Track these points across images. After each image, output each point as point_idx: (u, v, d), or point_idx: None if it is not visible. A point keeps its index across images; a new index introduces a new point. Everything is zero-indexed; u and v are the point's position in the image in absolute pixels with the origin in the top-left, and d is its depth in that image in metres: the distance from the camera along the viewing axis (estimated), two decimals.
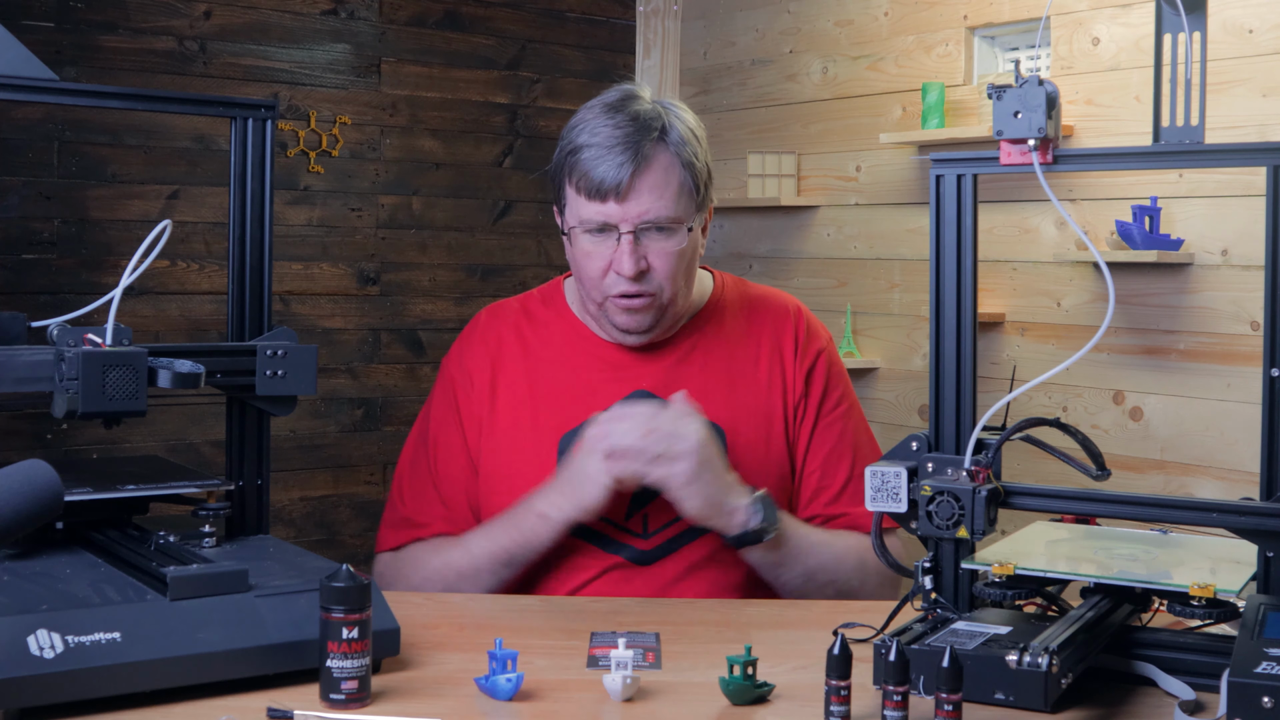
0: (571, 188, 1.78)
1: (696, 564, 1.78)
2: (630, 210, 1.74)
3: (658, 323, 1.82)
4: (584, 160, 1.75)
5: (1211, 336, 3.34)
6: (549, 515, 1.71)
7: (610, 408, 1.72)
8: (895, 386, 4.11)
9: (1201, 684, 1.29)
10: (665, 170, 1.76)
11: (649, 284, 1.77)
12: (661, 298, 1.79)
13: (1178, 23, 1.38)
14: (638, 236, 1.75)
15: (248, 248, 1.55)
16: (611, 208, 1.74)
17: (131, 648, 1.22)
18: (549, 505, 1.71)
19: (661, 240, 1.76)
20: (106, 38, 3.83)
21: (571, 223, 1.80)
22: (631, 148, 1.73)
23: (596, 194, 1.74)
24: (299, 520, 4.18)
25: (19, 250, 3.72)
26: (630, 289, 1.77)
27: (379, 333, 4.33)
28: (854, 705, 1.17)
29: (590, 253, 1.78)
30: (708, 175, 1.82)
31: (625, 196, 1.74)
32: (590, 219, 1.76)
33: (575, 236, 1.79)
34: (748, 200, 4.36)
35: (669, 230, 1.76)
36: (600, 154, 1.74)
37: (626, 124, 1.75)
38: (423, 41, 4.38)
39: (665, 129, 1.77)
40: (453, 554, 1.80)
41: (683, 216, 1.77)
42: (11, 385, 1.36)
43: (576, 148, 1.77)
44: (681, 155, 1.77)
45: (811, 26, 4.35)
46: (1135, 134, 3.43)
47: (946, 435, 1.43)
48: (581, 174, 1.75)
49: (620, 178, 1.73)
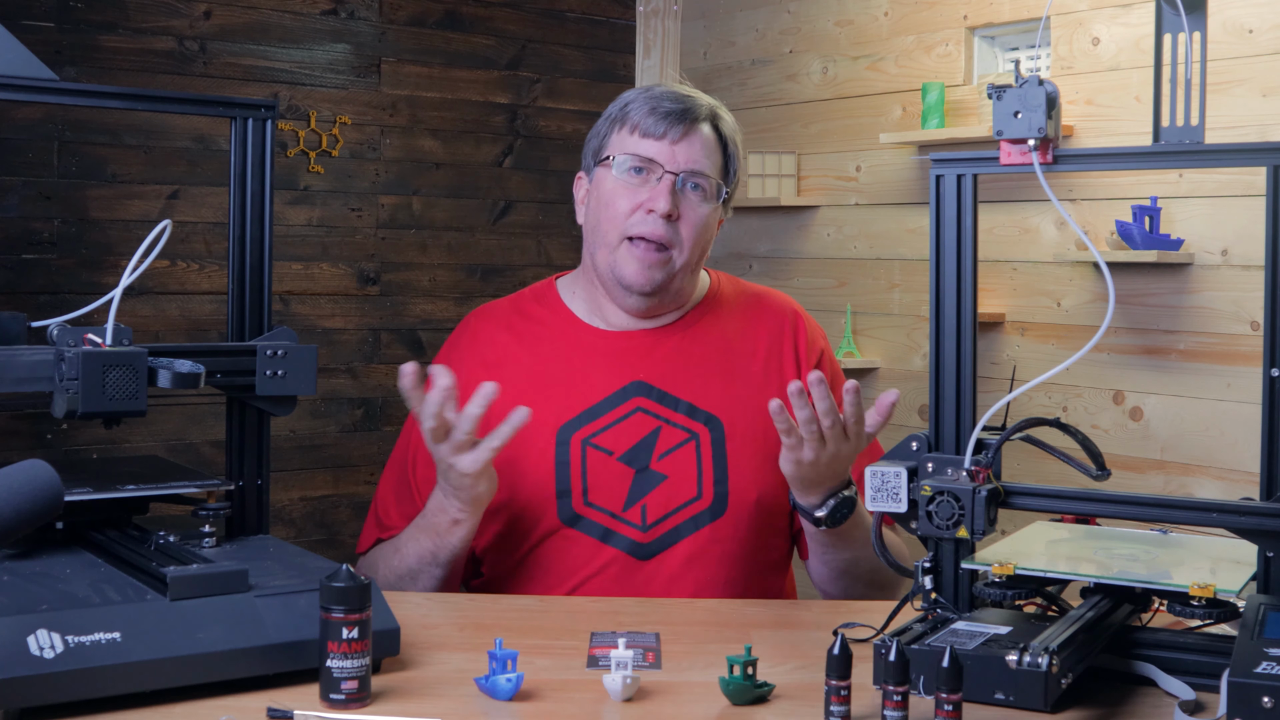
0: (623, 130, 1.85)
1: (695, 557, 1.78)
2: (679, 154, 1.82)
3: (663, 285, 1.84)
4: (640, 105, 1.85)
5: (1211, 336, 3.34)
6: (458, 517, 1.69)
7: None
8: (895, 386, 4.09)
9: (1201, 684, 1.29)
10: (714, 141, 1.87)
11: (673, 234, 1.82)
12: (677, 257, 1.83)
13: (1178, 23, 1.38)
14: (676, 185, 1.82)
15: (248, 248, 1.56)
16: (663, 146, 1.82)
17: (131, 648, 1.22)
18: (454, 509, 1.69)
19: (696, 198, 1.84)
20: (106, 38, 3.83)
21: (612, 158, 1.84)
22: (689, 105, 1.85)
23: (650, 132, 1.82)
24: (299, 520, 4.19)
25: (19, 250, 3.72)
26: (656, 230, 1.81)
27: (379, 333, 4.33)
28: (854, 705, 1.17)
29: (625, 186, 1.83)
30: (738, 177, 1.91)
31: (678, 140, 1.82)
32: (638, 153, 1.83)
33: (611, 174, 1.84)
34: (748, 200, 4.35)
35: (704, 191, 1.84)
36: (659, 102, 1.84)
37: (685, 96, 1.87)
38: (423, 41, 4.38)
39: (717, 113, 1.88)
40: (389, 554, 1.80)
41: (718, 186, 1.85)
42: (11, 385, 1.36)
43: (630, 101, 1.86)
44: (728, 138, 1.88)
45: (811, 26, 4.35)
46: (1135, 134, 3.43)
47: (946, 435, 1.43)
48: (638, 116, 1.84)
49: (676, 122, 1.82)
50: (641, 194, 1.82)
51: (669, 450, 1.81)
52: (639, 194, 1.82)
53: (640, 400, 1.83)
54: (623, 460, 1.80)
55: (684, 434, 1.82)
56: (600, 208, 1.85)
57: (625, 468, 1.80)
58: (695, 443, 1.82)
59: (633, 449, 1.81)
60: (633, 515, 1.79)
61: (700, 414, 1.83)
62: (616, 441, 1.81)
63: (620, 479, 1.80)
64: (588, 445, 1.81)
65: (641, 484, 1.78)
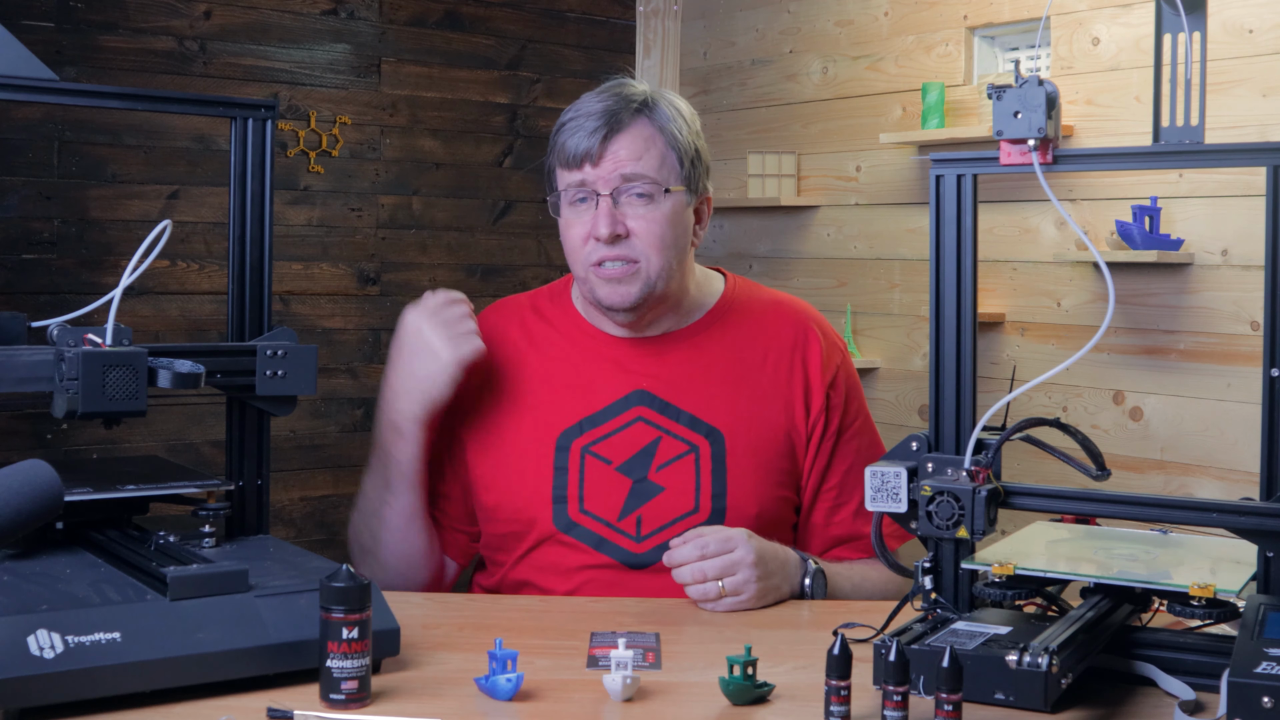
0: (555, 161, 1.82)
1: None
2: (605, 170, 1.77)
3: (643, 299, 1.79)
4: (565, 131, 1.80)
5: (1211, 336, 3.34)
6: (399, 425, 1.78)
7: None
8: (895, 386, 4.11)
9: (1201, 684, 1.29)
10: (645, 139, 1.78)
11: (630, 250, 1.77)
12: (646, 269, 1.78)
13: (1178, 23, 1.38)
14: (616, 201, 1.77)
15: (248, 248, 1.55)
16: (586, 171, 1.78)
17: (131, 648, 1.22)
18: (395, 413, 1.78)
19: (641, 206, 1.78)
20: (106, 38, 3.82)
21: (557, 197, 1.82)
22: (608, 116, 1.78)
23: (573, 160, 1.78)
24: (299, 520, 4.18)
25: (19, 250, 3.72)
26: (608, 253, 1.77)
27: (379, 333, 4.33)
28: (854, 705, 1.17)
29: (571, 222, 1.80)
30: (696, 155, 1.83)
31: (599, 159, 1.77)
32: (568, 186, 1.79)
33: (561, 209, 1.82)
34: (748, 200, 4.35)
35: (648, 196, 1.77)
36: (579, 123, 1.79)
37: (609, 98, 1.80)
38: (423, 41, 4.38)
39: (649, 104, 1.81)
40: (358, 504, 1.86)
41: (661, 181, 1.78)
42: (11, 385, 1.36)
43: (561, 125, 1.82)
44: (664, 129, 1.80)
45: (811, 26, 4.35)
46: (1135, 134, 3.43)
47: (946, 435, 1.43)
48: (561, 144, 1.80)
49: (593, 142, 1.77)
50: (587, 221, 1.78)
51: (668, 462, 1.80)
52: (585, 222, 1.79)
53: (642, 410, 1.82)
54: (621, 470, 1.79)
55: (684, 446, 1.80)
56: (563, 242, 1.84)
57: (623, 478, 1.79)
58: (695, 455, 1.80)
59: (631, 459, 1.80)
60: (627, 525, 1.78)
61: (702, 426, 1.81)
62: (615, 451, 1.80)
63: (617, 488, 1.79)
64: (587, 453, 1.80)
65: (638, 495, 1.77)
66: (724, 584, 1.63)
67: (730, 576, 1.63)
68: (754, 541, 1.66)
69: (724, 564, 1.64)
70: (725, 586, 1.63)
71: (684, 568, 1.65)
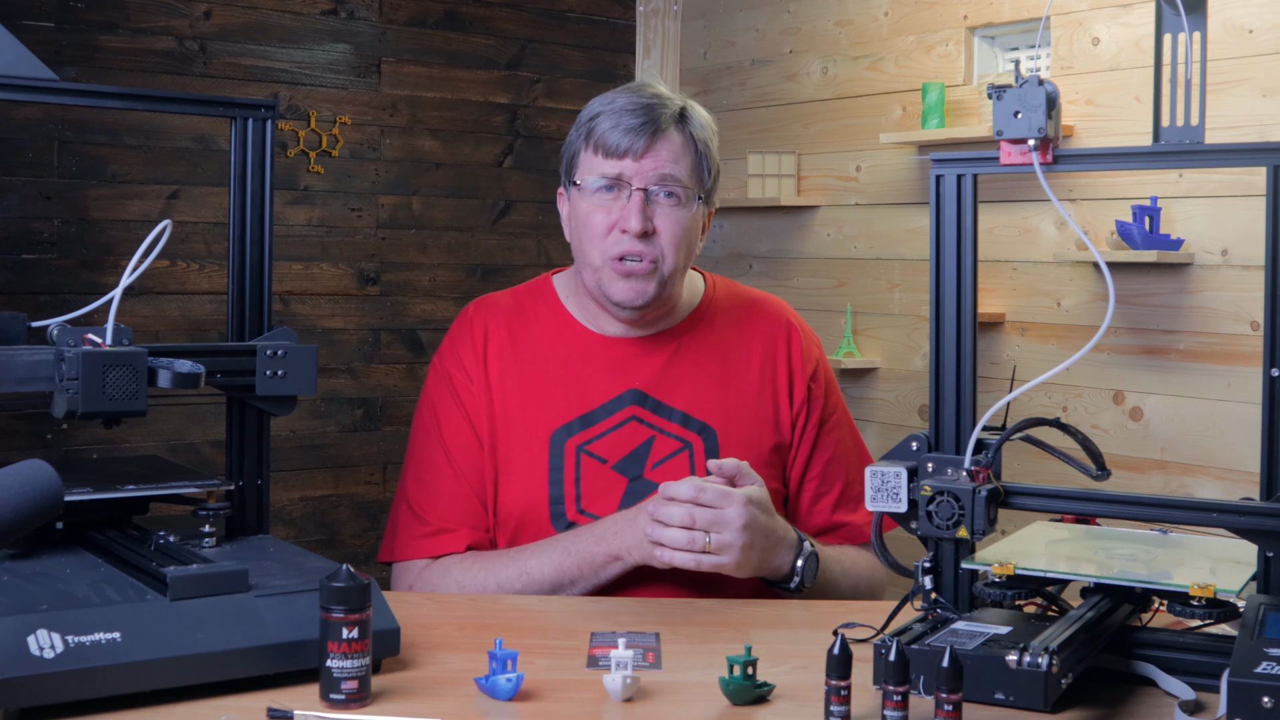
0: (589, 150, 1.81)
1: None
2: (645, 166, 1.78)
3: (655, 297, 1.81)
4: (604, 121, 1.80)
5: (1211, 336, 3.34)
6: (625, 558, 1.70)
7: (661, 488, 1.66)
8: (895, 386, 4.11)
9: (1201, 684, 1.29)
10: (683, 144, 1.81)
11: (652, 247, 1.79)
12: (663, 267, 1.80)
13: (1178, 23, 1.38)
14: (648, 197, 1.79)
15: (248, 248, 1.55)
16: (627, 164, 1.79)
17: (131, 648, 1.22)
18: (622, 548, 1.70)
19: (670, 206, 1.80)
20: (106, 38, 3.82)
21: (583, 181, 1.82)
22: (652, 115, 1.80)
23: (615, 150, 1.79)
24: (299, 520, 4.18)
25: (19, 250, 3.72)
26: (634, 248, 1.78)
27: (379, 333, 4.33)
28: (854, 705, 1.17)
29: (598, 209, 1.80)
30: (716, 171, 1.87)
31: (642, 155, 1.79)
32: (605, 173, 1.80)
33: (584, 195, 1.82)
34: (748, 200, 4.35)
35: (677, 197, 1.80)
36: (621, 117, 1.80)
37: (649, 98, 1.82)
38: (423, 41, 4.38)
39: (685, 112, 1.83)
40: (505, 572, 1.75)
41: (692, 187, 1.81)
42: (11, 385, 1.36)
43: (596, 114, 1.82)
44: (697, 138, 1.83)
45: (811, 26, 4.35)
46: (1135, 134, 3.43)
47: (946, 435, 1.43)
48: (601, 134, 1.80)
49: (639, 136, 1.78)
50: (615, 212, 1.79)
51: (662, 460, 1.81)
52: (612, 213, 1.79)
53: (635, 409, 1.83)
54: (616, 469, 1.80)
55: (677, 443, 1.82)
56: (579, 229, 1.83)
57: (618, 476, 1.80)
58: (689, 452, 1.81)
59: (626, 458, 1.81)
60: None
61: (694, 423, 1.83)
62: (610, 449, 1.81)
63: (613, 487, 1.79)
64: (581, 452, 1.81)
65: (634, 493, 1.77)
66: (710, 539, 1.60)
67: (718, 534, 1.60)
68: (750, 509, 1.62)
69: (714, 517, 1.60)
70: (711, 542, 1.60)
71: (676, 507, 1.61)
